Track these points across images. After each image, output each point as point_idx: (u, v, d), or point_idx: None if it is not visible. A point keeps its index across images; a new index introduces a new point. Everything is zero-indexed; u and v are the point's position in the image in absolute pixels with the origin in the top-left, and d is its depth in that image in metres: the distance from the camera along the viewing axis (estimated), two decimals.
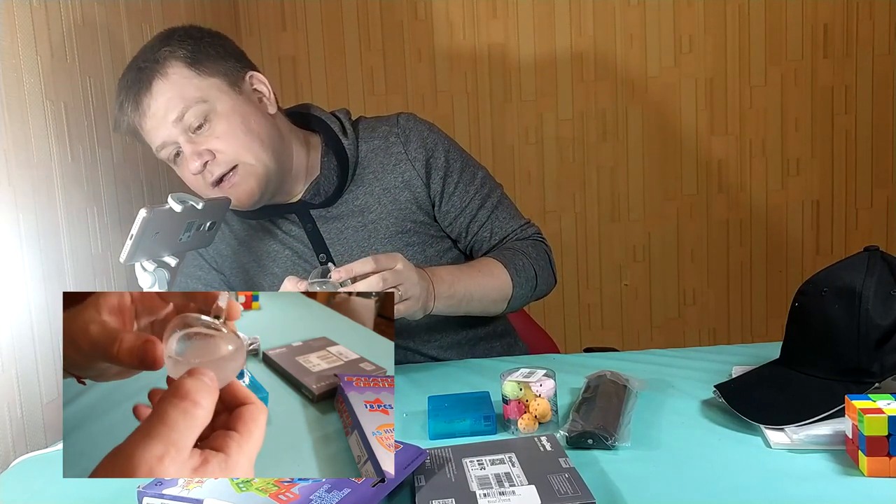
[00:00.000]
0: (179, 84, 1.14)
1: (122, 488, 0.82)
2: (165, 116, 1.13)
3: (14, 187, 1.14)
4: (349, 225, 1.27)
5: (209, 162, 1.15)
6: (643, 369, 1.12)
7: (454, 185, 1.29)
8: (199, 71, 1.15)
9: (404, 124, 1.29)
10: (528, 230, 1.34)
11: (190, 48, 1.16)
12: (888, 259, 0.91)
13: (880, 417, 0.75)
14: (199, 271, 1.33)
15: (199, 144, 1.15)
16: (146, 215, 0.99)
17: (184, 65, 1.14)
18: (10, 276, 1.12)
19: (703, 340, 2.46)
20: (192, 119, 1.14)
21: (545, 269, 1.31)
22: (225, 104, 1.16)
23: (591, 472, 0.80)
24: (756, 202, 2.40)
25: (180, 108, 1.13)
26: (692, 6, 2.31)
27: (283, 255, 1.29)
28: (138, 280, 1.07)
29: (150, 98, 1.13)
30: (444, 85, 2.35)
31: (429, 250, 1.29)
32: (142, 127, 1.16)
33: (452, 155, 1.30)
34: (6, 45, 1.14)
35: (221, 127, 1.15)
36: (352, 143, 1.28)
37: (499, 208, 1.32)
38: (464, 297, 1.19)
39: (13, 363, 1.11)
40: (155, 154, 1.20)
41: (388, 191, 1.27)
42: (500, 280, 1.24)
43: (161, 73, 1.13)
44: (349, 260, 1.26)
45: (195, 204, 1.07)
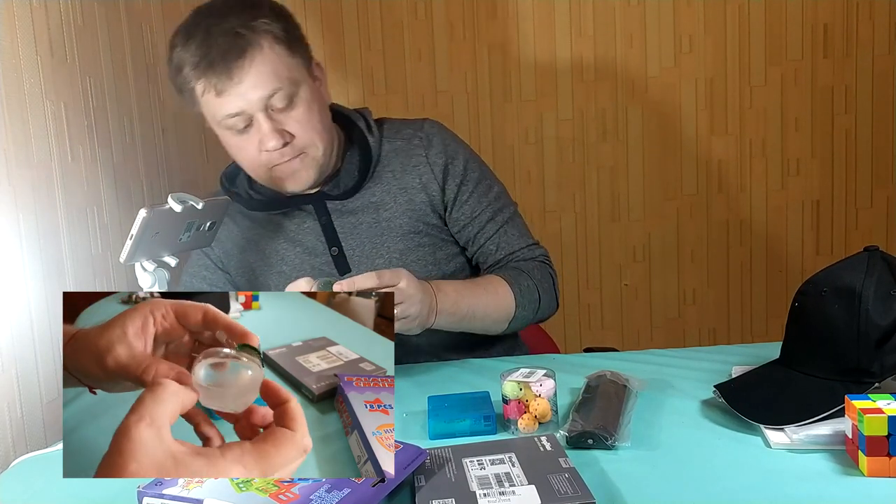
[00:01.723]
0: (276, 61, 1.13)
1: (122, 488, 0.82)
2: (255, 89, 1.12)
3: (14, 187, 1.14)
4: (363, 220, 1.27)
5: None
6: (643, 369, 1.12)
7: (468, 194, 1.30)
8: (292, 51, 1.15)
9: (428, 129, 1.31)
10: (536, 251, 1.34)
11: (283, 24, 1.15)
12: (888, 259, 0.91)
13: (880, 417, 0.75)
14: (204, 271, 1.33)
15: (279, 123, 1.15)
16: (146, 215, 0.99)
17: (280, 42, 1.14)
18: (10, 276, 1.12)
19: (703, 340, 2.46)
20: (280, 99, 1.14)
21: (549, 292, 1.31)
22: (307, 89, 1.17)
23: (591, 472, 0.80)
24: (756, 202, 2.40)
25: (273, 86, 1.12)
26: (692, 6, 2.31)
27: (292, 253, 1.29)
28: (138, 280, 1.07)
29: (244, 68, 1.11)
30: (444, 85, 2.35)
31: (438, 253, 1.30)
32: (220, 91, 1.12)
33: (471, 165, 1.31)
34: (6, 45, 1.14)
35: (302, 112, 1.16)
36: (376, 140, 1.29)
37: (509, 224, 1.32)
38: (466, 315, 1.19)
39: (13, 363, 1.11)
40: (209, 117, 1.18)
41: (405, 191, 1.28)
42: (504, 300, 1.23)
43: (259, 44, 1.11)
44: (360, 255, 1.27)
45: (195, 204, 1.07)
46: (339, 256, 1.27)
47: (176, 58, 1.14)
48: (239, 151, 1.20)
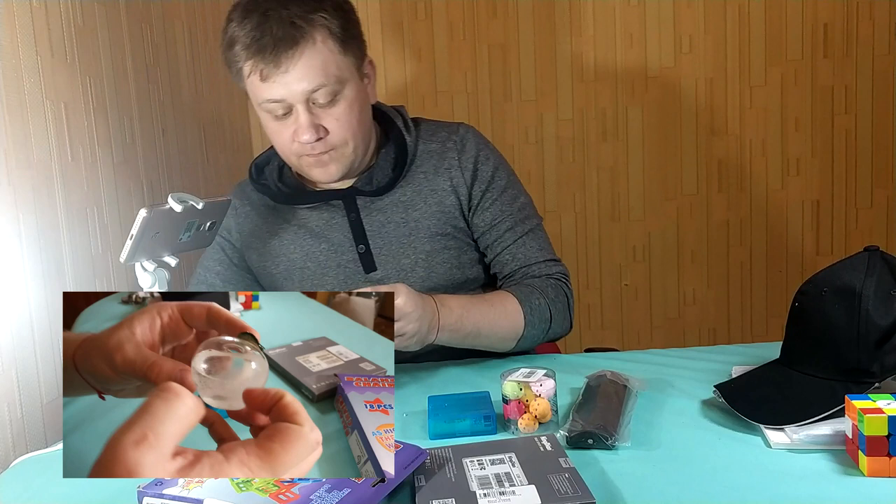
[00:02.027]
0: (326, 57, 1.13)
1: (122, 488, 0.82)
2: (299, 81, 1.12)
3: (14, 187, 1.14)
4: (392, 219, 1.27)
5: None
6: (643, 369, 1.12)
7: (491, 201, 1.29)
8: (345, 48, 1.15)
9: (463, 134, 1.31)
10: (553, 267, 1.31)
11: (341, 21, 1.15)
12: (888, 259, 0.91)
13: (880, 417, 0.75)
14: (218, 266, 1.34)
15: (317, 118, 1.16)
16: (146, 215, 0.99)
17: (335, 38, 1.14)
18: (10, 276, 1.12)
19: (703, 340, 2.46)
20: (322, 95, 1.14)
21: (562, 312, 1.28)
22: (352, 89, 1.17)
23: (591, 472, 0.80)
24: (756, 202, 2.40)
25: (319, 81, 1.13)
26: (692, 6, 2.31)
27: (317, 249, 1.28)
28: (138, 280, 1.07)
29: (293, 59, 1.11)
30: (444, 85, 2.35)
31: (463, 257, 1.30)
32: (265, 77, 1.13)
33: (500, 173, 1.31)
34: (6, 45, 1.14)
35: (342, 110, 1.17)
36: (413, 140, 1.29)
37: (528, 236, 1.30)
38: (470, 332, 1.17)
39: (13, 363, 1.11)
40: (252, 97, 1.18)
41: (436, 192, 1.28)
42: (513, 319, 1.21)
43: (312, 38, 1.12)
44: (387, 254, 1.27)
45: (195, 204, 1.07)
46: (366, 254, 1.26)
47: (230, 32, 1.14)
48: (274, 134, 1.21)
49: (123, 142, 1.49)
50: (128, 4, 1.54)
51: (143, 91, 1.59)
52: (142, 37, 1.61)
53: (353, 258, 1.27)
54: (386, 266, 1.26)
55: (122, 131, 1.49)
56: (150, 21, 1.65)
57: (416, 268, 1.26)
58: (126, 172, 1.49)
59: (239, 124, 2.22)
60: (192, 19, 1.89)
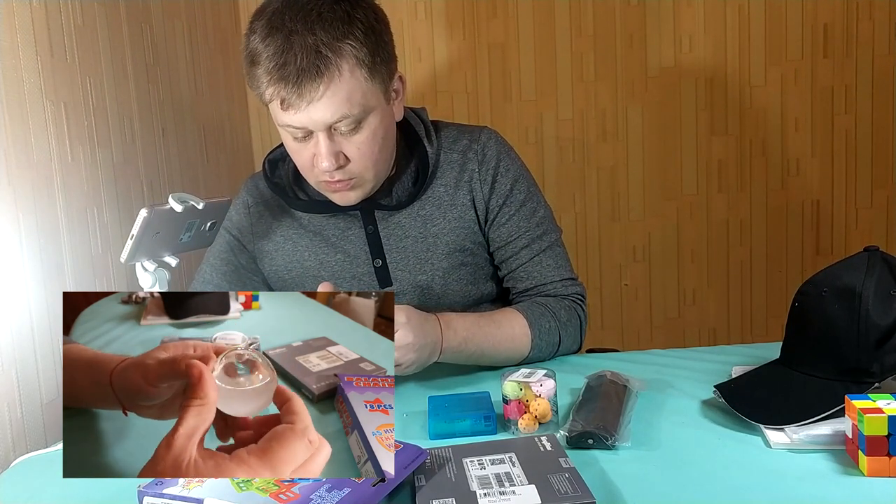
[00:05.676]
0: (352, 87, 1.07)
1: (122, 488, 0.82)
2: (322, 113, 1.07)
3: (14, 187, 1.14)
4: (410, 233, 1.25)
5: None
6: (643, 369, 1.12)
7: (508, 216, 1.26)
8: (373, 75, 1.09)
9: (485, 142, 1.27)
10: (570, 288, 1.28)
11: (371, 48, 1.08)
12: (888, 259, 0.91)
13: (880, 417, 0.75)
14: (224, 266, 1.31)
15: (338, 145, 1.11)
16: (147, 215, 0.99)
17: (363, 66, 1.07)
18: (10, 276, 1.12)
19: (703, 340, 2.46)
20: (346, 124, 1.10)
21: (572, 336, 1.26)
22: (377, 115, 1.13)
23: (591, 472, 0.81)
24: (756, 202, 2.40)
25: (343, 112, 1.08)
26: (692, 6, 2.31)
27: (332, 259, 1.26)
28: (139, 280, 1.07)
29: (317, 91, 1.05)
30: (444, 85, 2.35)
31: (479, 272, 1.28)
32: (287, 106, 1.07)
33: (519, 186, 1.27)
34: (6, 45, 1.14)
35: (364, 138, 1.12)
36: (434, 151, 1.25)
37: (545, 254, 1.27)
38: (473, 353, 1.16)
39: (13, 363, 1.11)
40: (273, 115, 1.12)
41: (455, 207, 1.25)
42: (519, 342, 1.19)
43: (338, 69, 1.05)
44: (404, 269, 1.24)
45: (196, 204, 1.07)
46: (382, 269, 1.24)
47: (252, 46, 1.08)
48: (294, 153, 1.16)
49: (123, 142, 1.49)
50: (128, 4, 1.54)
51: (143, 91, 1.59)
52: (142, 37, 1.61)
53: (368, 271, 1.25)
54: (402, 282, 1.25)
55: (122, 131, 1.49)
56: (150, 21, 1.65)
57: (433, 285, 1.25)
58: (126, 172, 1.49)
59: (239, 124, 2.22)
60: (192, 19, 1.89)
